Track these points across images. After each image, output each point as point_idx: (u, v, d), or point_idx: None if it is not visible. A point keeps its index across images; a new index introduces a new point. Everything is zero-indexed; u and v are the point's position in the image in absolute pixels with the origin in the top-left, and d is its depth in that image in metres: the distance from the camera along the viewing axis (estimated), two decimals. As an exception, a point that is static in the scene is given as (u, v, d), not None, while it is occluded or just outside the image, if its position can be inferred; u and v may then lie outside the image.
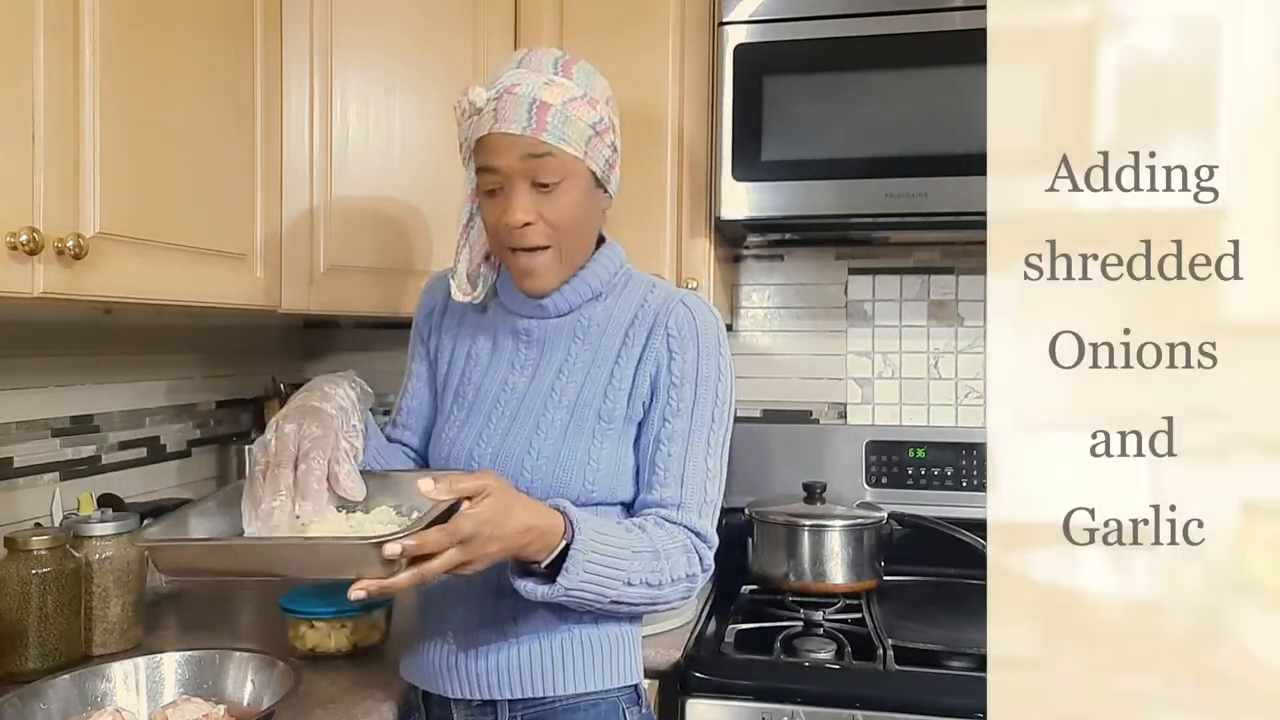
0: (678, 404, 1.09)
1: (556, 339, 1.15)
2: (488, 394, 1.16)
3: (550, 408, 1.11)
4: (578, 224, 1.10)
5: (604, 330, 1.14)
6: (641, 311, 1.13)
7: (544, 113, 1.04)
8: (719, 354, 1.12)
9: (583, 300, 1.15)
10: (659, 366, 1.10)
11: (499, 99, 1.06)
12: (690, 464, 1.09)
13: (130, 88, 1.15)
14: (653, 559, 1.03)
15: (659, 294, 1.15)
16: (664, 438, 1.09)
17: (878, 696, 1.38)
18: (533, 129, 1.04)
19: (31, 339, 1.46)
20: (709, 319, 1.12)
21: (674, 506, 1.08)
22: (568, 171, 1.07)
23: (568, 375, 1.12)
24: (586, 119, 1.07)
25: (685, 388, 1.09)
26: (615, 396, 1.10)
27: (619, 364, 1.11)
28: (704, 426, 1.10)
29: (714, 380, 1.11)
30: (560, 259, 1.10)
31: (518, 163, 1.05)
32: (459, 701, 1.12)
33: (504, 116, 1.05)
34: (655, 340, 1.11)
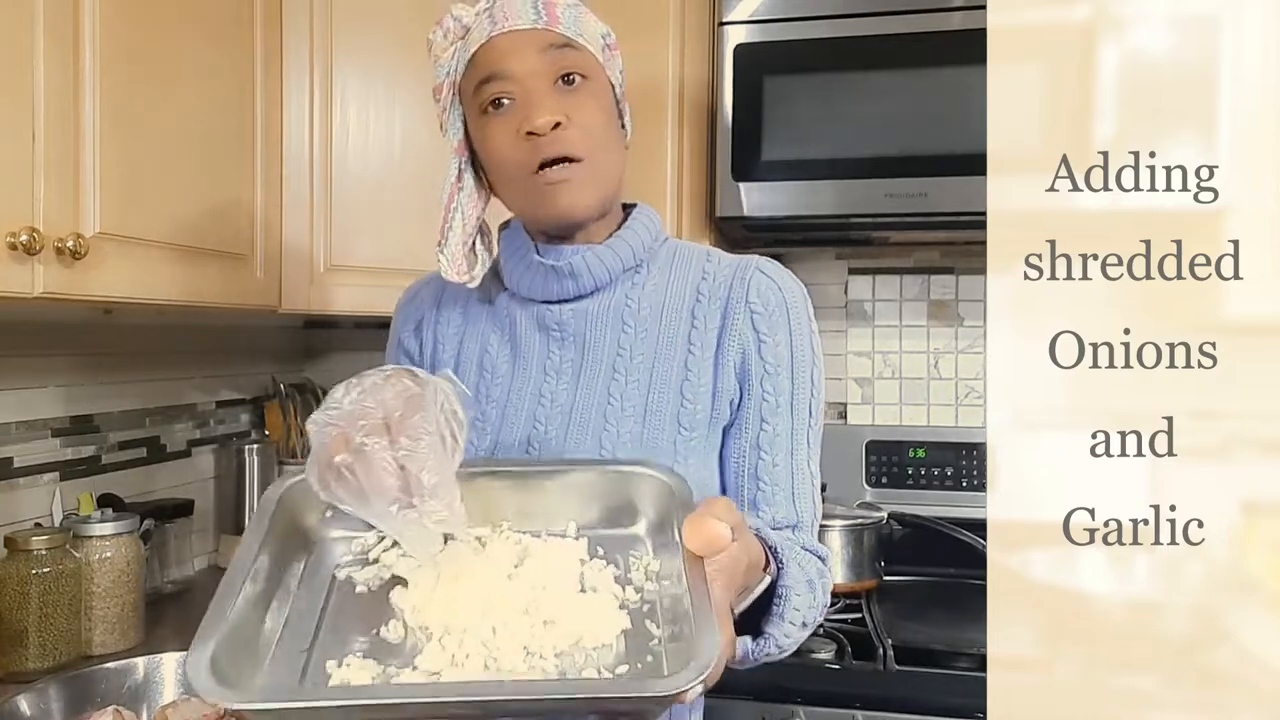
0: (775, 399, 0.89)
1: (599, 329, 0.90)
2: (518, 411, 0.91)
3: (611, 420, 0.88)
4: (608, 140, 0.88)
5: (661, 313, 0.91)
6: (705, 286, 0.91)
7: (551, 7, 0.86)
8: (812, 331, 0.92)
9: (622, 268, 0.91)
10: (745, 352, 0.89)
11: (491, 6, 0.87)
12: (798, 473, 0.90)
13: (130, 88, 1.15)
14: (810, 591, 0.83)
15: (723, 264, 0.92)
16: (764, 444, 0.89)
17: (878, 696, 1.38)
18: (545, 21, 0.85)
19: (31, 339, 1.46)
20: (796, 289, 0.92)
21: (790, 528, 0.89)
22: (591, 69, 0.87)
23: (626, 375, 0.89)
24: (595, 25, 0.90)
25: (781, 377, 0.89)
26: (696, 396, 0.88)
27: (693, 353, 0.89)
28: (804, 424, 0.91)
29: (809, 364, 0.91)
30: (595, 176, 0.86)
31: (534, 57, 0.84)
32: None
33: (505, 15, 0.85)
34: (736, 320, 0.89)
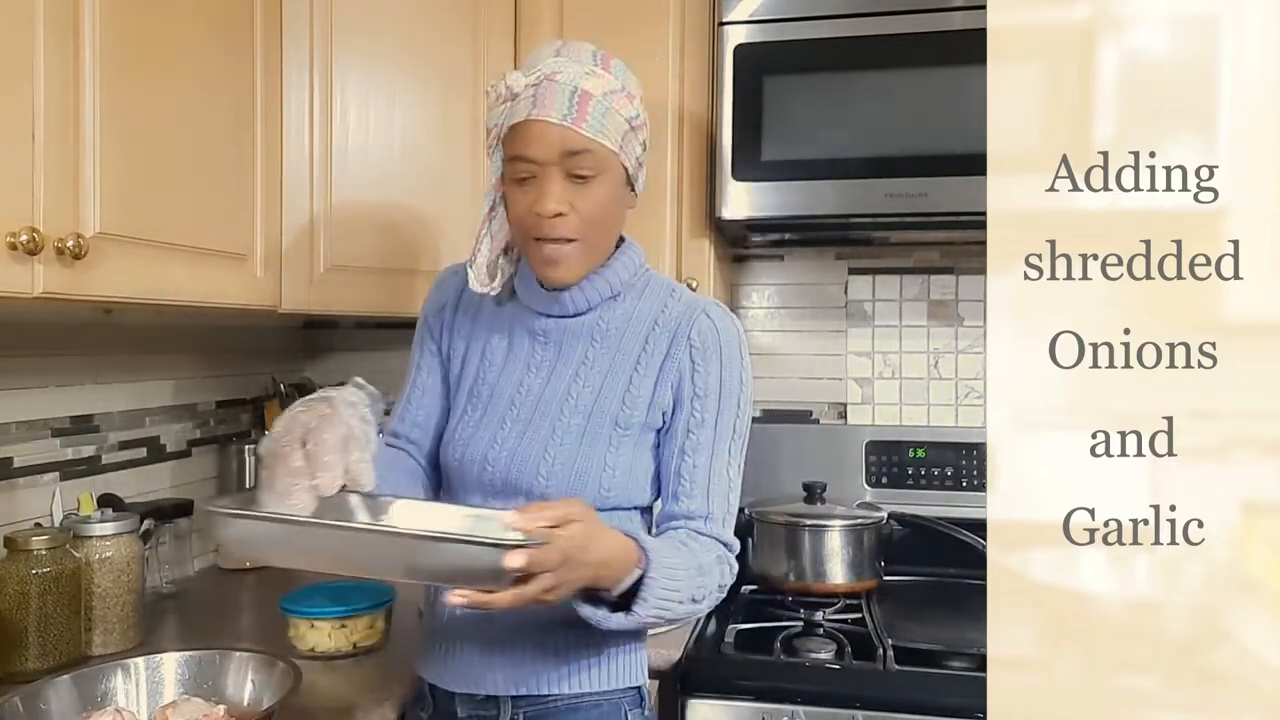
0: (701, 415, 1.09)
1: (574, 340, 1.13)
2: (503, 394, 1.14)
3: (566, 412, 1.10)
4: (607, 220, 1.10)
5: (623, 334, 1.12)
6: (662, 318, 1.12)
7: (585, 103, 1.03)
8: (741, 365, 1.12)
9: (601, 299, 1.13)
10: (681, 377, 1.10)
11: (538, 85, 1.04)
12: (715, 475, 1.10)
13: (130, 88, 1.15)
14: (699, 574, 1.04)
15: (680, 301, 1.14)
16: (688, 449, 1.09)
17: (878, 696, 1.38)
18: (573, 119, 1.02)
19: (31, 339, 1.46)
20: (731, 331, 1.12)
21: (701, 518, 1.09)
22: (603, 166, 1.06)
23: (584, 379, 1.11)
24: (624, 113, 1.06)
25: (709, 400, 1.09)
26: (634, 404, 1.10)
27: (638, 371, 1.10)
28: (726, 437, 1.10)
29: (736, 391, 1.11)
30: (586, 253, 1.09)
31: (555, 154, 1.03)
32: (462, 696, 1.13)
33: (544, 103, 1.03)
34: (678, 351, 1.10)
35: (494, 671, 1.10)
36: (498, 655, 1.10)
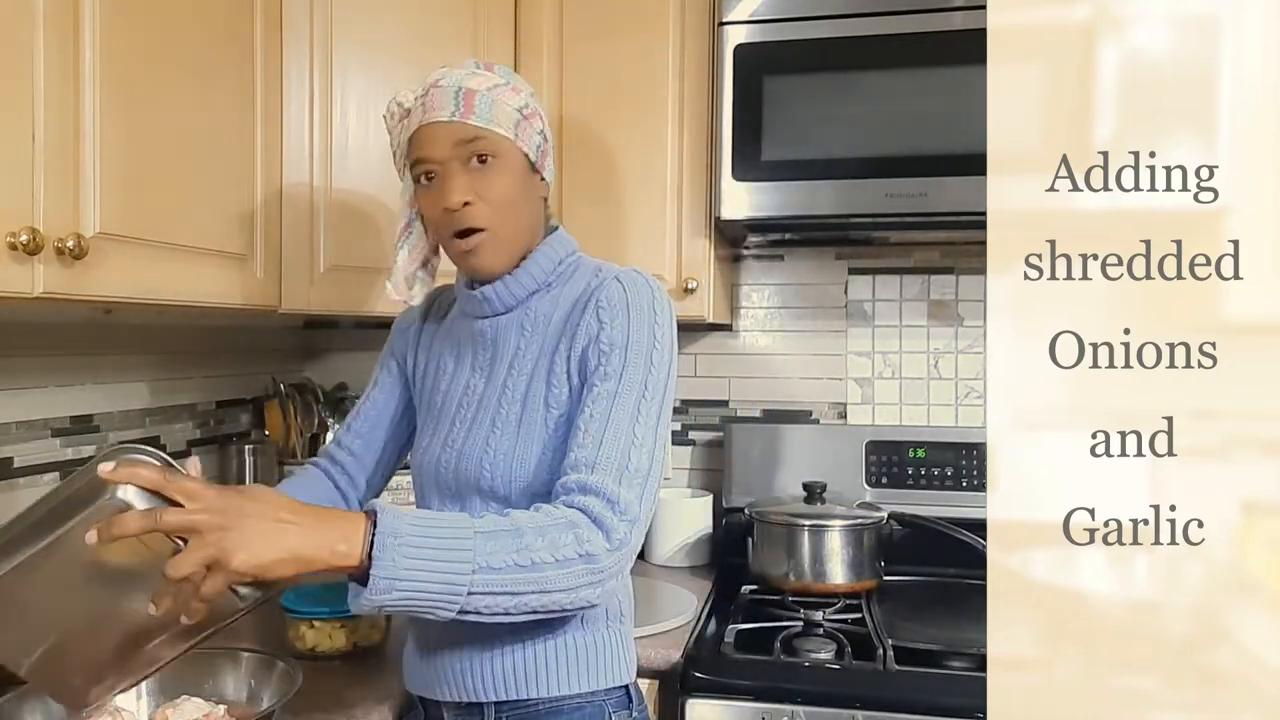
0: (605, 369, 1.04)
1: (507, 335, 1.14)
2: (453, 399, 1.17)
3: (504, 404, 1.10)
4: (514, 204, 1.11)
5: (549, 320, 1.12)
6: (582, 296, 1.10)
7: (470, 98, 1.08)
8: (653, 322, 1.06)
9: (527, 292, 1.14)
10: (590, 338, 1.06)
11: (426, 94, 1.09)
12: (612, 426, 1.01)
13: (130, 88, 1.15)
14: (512, 537, 0.93)
15: (601, 276, 1.11)
16: (589, 401, 1.03)
17: (878, 696, 1.38)
18: (461, 113, 1.07)
19: (31, 339, 1.46)
20: (643, 289, 1.08)
21: (587, 467, 0.99)
22: (499, 149, 1.09)
23: (518, 370, 1.12)
24: (512, 103, 1.10)
25: (614, 354, 1.04)
26: (559, 383, 1.08)
27: (559, 349, 1.09)
28: (632, 391, 1.03)
29: (647, 347, 1.05)
30: (500, 241, 1.10)
31: (450, 148, 1.07)
32: (447, 703, 1.12)
33: (432, 107, 1.08)
34: (587, 316, 1.07)
35: (475, 678, 1.09)
36: (478, 661, 1.09)
